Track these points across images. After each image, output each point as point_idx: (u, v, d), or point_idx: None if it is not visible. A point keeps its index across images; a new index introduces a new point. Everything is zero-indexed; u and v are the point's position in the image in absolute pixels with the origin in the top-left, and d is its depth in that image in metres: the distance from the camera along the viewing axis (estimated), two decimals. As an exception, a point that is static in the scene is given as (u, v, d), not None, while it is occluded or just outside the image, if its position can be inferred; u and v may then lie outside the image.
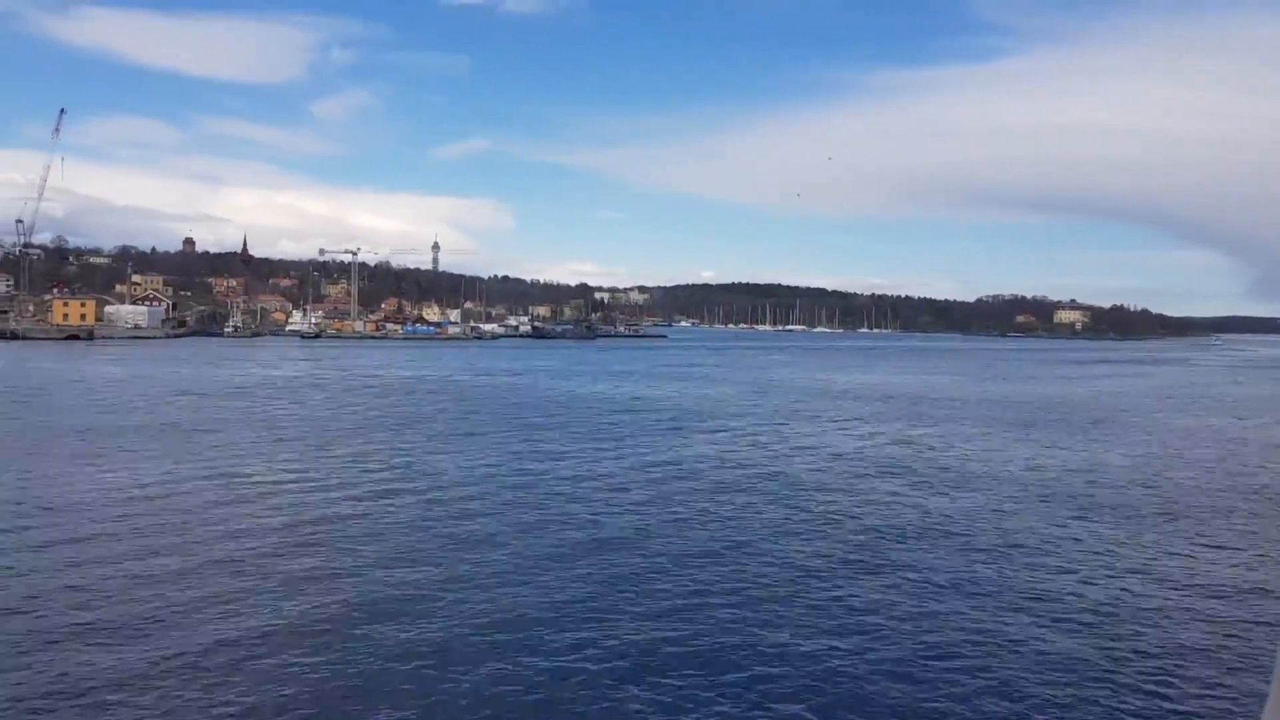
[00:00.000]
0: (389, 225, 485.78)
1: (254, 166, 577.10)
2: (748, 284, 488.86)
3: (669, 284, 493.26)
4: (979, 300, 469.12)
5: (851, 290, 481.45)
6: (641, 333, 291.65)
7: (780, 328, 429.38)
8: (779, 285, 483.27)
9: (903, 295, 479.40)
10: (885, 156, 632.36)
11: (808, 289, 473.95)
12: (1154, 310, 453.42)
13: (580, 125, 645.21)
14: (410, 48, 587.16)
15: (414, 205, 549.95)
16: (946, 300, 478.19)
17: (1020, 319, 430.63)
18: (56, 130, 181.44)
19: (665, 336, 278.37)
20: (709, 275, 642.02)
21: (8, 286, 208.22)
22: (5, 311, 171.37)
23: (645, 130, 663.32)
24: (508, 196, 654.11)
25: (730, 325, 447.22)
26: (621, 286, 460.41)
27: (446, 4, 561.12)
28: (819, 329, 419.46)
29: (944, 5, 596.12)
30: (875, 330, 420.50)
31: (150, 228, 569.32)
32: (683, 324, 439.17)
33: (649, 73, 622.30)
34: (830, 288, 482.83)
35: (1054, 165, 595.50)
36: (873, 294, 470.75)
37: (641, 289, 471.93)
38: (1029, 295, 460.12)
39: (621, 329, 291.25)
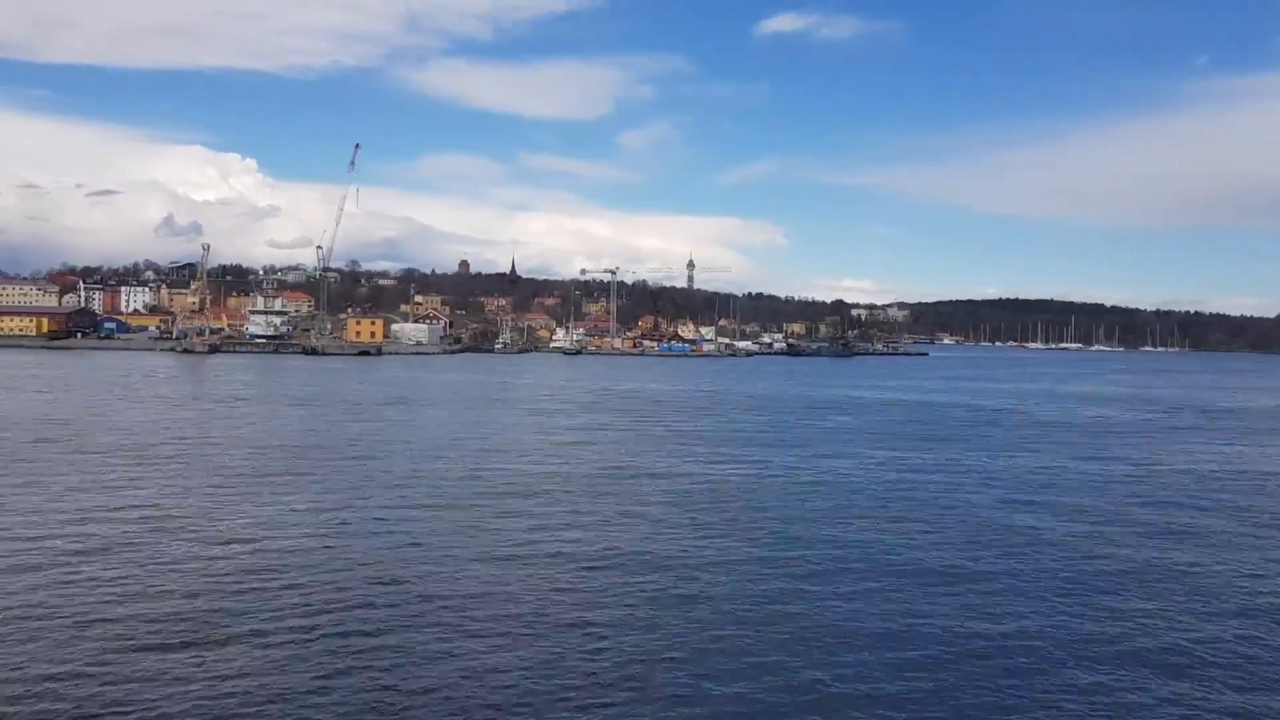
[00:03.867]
0: (665, 246, 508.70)
1: (557, 195, 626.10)
2: (1016, 299, 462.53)
3: (930, 300, 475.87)
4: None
5: (1133, 305, 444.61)
6: (901, 351, 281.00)
7: (1053, 345, 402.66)
8: (1051, 300, 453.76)
9: (1192, 311, 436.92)
10: (1184, 165, 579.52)
11: (1083, 304, 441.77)
12: None
13: (866, 145, 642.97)
14: (713, 79, 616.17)
15: (692, 226, 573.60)
16: (1243, 316, 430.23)
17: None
18: (352, 164, 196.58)
19: (926, 355, 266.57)
20: (973, 291, 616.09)
21: (309, 307, 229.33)
22: (307, 329, 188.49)
23: (927, 147, 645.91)
24: (782, 216, 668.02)
25: (996, 342, 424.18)
26: (880, 303, 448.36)
27: (759, 35, 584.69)
28: (1096, 347, 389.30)
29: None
30: (1160, 349, 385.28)
31: (460, 251, 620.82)
32: (945, 341, 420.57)
33: (946, 91, 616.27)
34: (1109, 303, 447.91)
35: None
36: (1157, 309, 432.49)
37: (901, 305, 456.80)
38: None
39: (880, 347, 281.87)
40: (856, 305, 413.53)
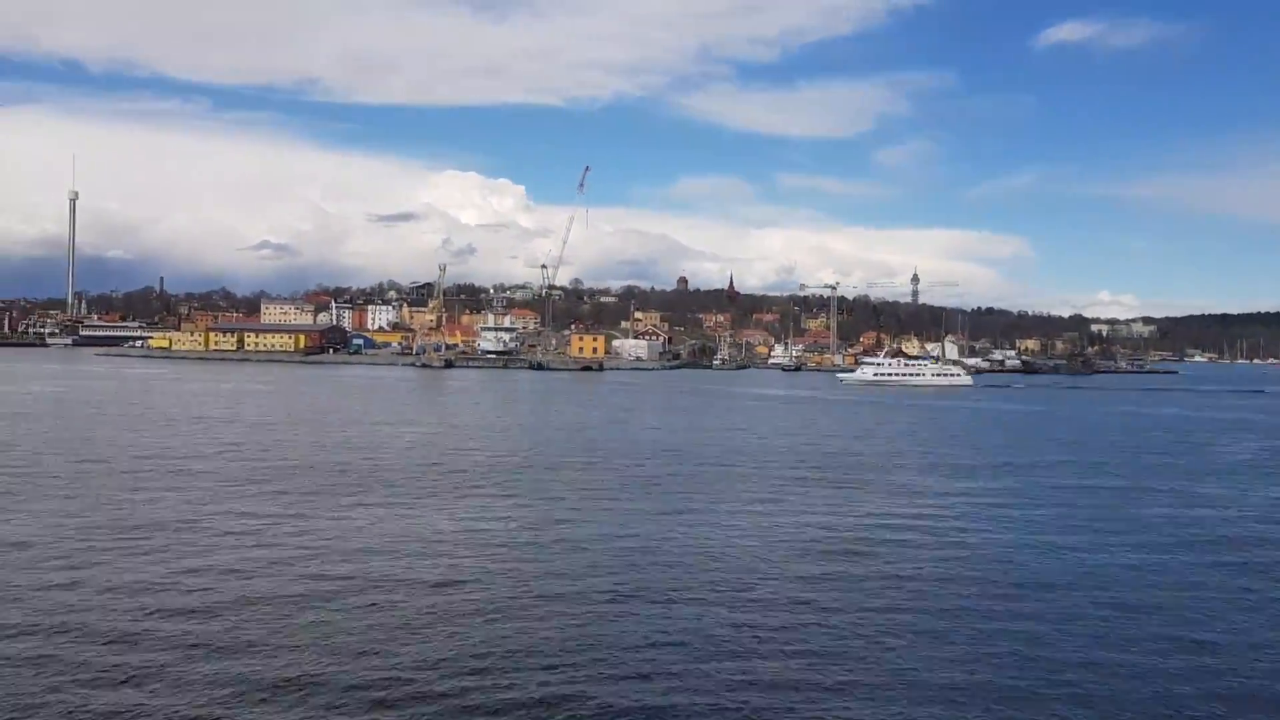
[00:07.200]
0: (905, 260, 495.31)
1: (803, 212, 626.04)
2: (1277, 313, 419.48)
3: (1178, 314, 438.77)
4: None
5: None
6: (1147, 368, 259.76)
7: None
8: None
9: None
10: None
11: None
12: None
13: (1132, 155, 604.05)
14: (977, 93, 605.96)
15: (935, 240, 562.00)
16: None
17: None
18: (581, 186, 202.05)
19: (1176, 373, 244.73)
20: (1230, 305, 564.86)
21: (535, 324, 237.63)
22: (533, 345, 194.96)
23: (1200, 156, 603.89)
24: (1033, 229, 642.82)
25: (1255, 360, 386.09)
26: (1122, 318, 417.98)
27: (1039, 47, 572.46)
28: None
29: None
30: None
31: (701, 268, 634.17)
32: (1196, 359, 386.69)
33: (1230, 97, 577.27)
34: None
35: None
36: None
37: (1147, 320, 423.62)
38: None
39: (1123, 364, 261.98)
40: (1097, 320, 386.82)
